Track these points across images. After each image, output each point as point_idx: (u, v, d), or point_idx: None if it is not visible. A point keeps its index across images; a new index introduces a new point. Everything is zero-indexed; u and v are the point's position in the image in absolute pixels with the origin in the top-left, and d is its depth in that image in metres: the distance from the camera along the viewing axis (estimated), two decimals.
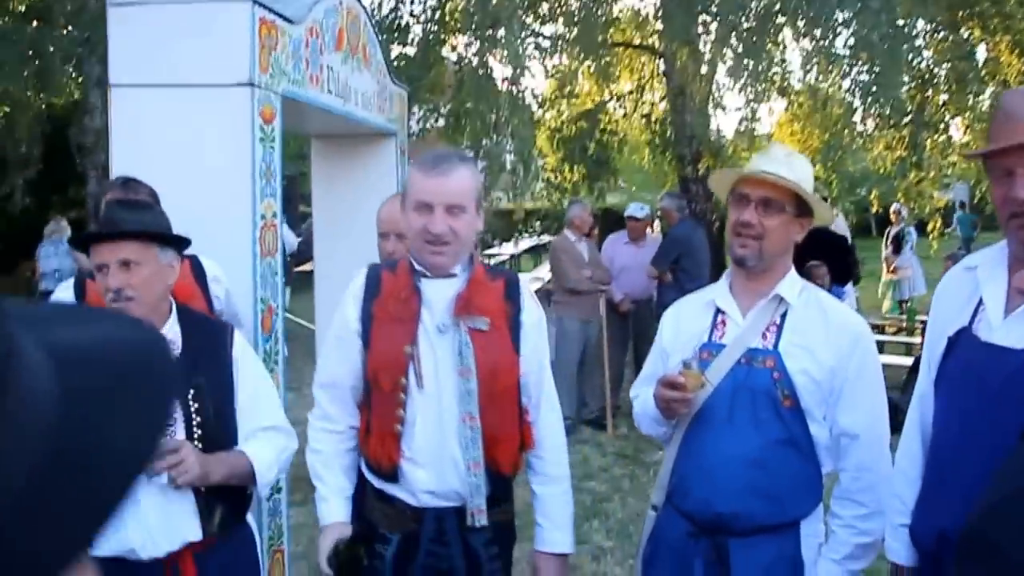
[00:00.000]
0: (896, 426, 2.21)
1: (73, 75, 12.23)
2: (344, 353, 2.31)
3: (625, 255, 7.67)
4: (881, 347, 8.10)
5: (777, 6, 9.58)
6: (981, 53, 11.13)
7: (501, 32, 9.30)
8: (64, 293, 2.91)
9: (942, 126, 11.27)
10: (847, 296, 8.02)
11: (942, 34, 10.86)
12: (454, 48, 11.22)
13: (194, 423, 2.17)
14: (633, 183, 19.92)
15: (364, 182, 5.09)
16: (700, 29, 9.89)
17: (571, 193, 12.56)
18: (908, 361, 7.64)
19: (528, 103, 10.89)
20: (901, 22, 9.35)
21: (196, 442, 2.16)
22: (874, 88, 9.33)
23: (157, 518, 2.14)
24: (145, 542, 2.13)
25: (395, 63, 11.20)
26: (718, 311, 2.33)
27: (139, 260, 2.15)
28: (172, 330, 2.25)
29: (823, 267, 7.62)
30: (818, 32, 9.55)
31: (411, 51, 11.23)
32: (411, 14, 11.46)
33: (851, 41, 9.51)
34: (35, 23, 11.87)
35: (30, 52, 11.43)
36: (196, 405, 2.17)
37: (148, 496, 2.12)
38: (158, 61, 3.23)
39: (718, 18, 9.55)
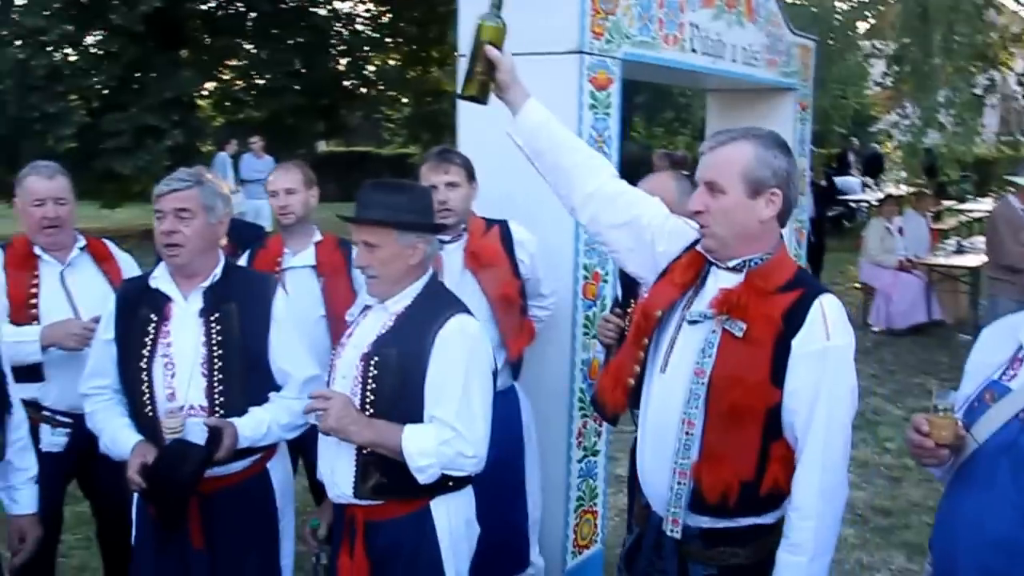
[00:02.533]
0: None
1: None
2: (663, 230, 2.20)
3: None
4: None
5: None
6: None
7: None
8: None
9: None
10: None
11: None
12: None
13: (368, 388, 2.26)
14: None
15: None
16: None
17: None
18: None
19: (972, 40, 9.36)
20: None
21: (367, 407, 2.26)
22: None
23: (329, 464, 2.37)
24: (327, 482, 2.39)
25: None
26: (1020, 346, 1.84)
27: (377, 243, 2.30)
28: (401, 303, 2.35)
29: None
30: None
31: None
32: None
33: None
34: None
35: None
36: (376, 372, 2.26)
37: (330, 441, 2.32)
38: None
39: None
